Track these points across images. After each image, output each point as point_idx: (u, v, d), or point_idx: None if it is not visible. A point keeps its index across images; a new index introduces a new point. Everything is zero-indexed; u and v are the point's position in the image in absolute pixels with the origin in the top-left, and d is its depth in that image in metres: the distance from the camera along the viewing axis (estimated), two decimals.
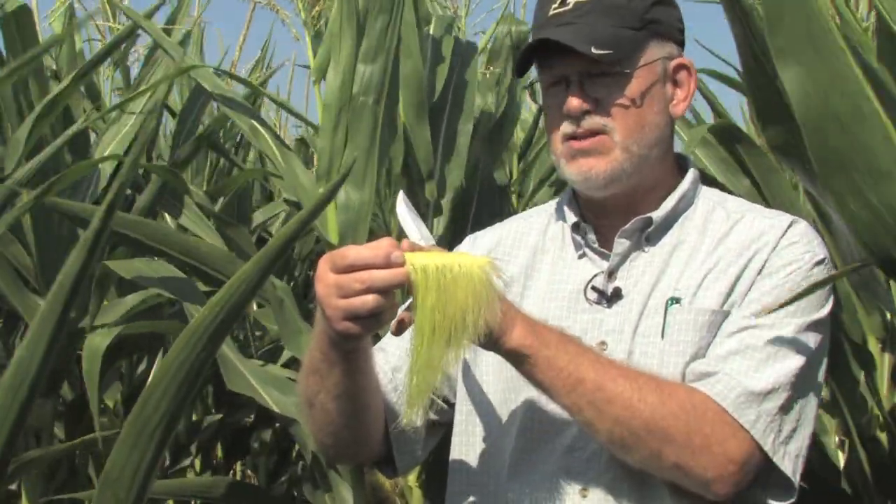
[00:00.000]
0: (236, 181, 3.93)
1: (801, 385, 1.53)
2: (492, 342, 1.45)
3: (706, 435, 1.47)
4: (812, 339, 1.55)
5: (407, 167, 2.85)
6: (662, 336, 1.55)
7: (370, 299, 1.37)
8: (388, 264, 1.36)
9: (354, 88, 2.35)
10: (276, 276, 2.63)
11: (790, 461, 1.52)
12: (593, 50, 1.55)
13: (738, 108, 5.54)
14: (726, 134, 2.66)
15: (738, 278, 1.56)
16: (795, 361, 1.52)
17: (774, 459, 1.50)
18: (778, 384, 1.50)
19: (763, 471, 1.51)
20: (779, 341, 1.52)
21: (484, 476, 1.63)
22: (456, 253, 1.45)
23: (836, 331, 1.59)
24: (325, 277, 1.40)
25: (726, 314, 1.55)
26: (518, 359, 1.47)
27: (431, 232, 2.81)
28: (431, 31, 3.04)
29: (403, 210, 1.53)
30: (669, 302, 1.56)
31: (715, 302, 1.55)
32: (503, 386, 1.62)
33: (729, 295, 1.55)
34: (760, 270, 1.56)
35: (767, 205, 2.55)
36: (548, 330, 1.49)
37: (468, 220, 3.08)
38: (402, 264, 1.36)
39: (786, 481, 1.52)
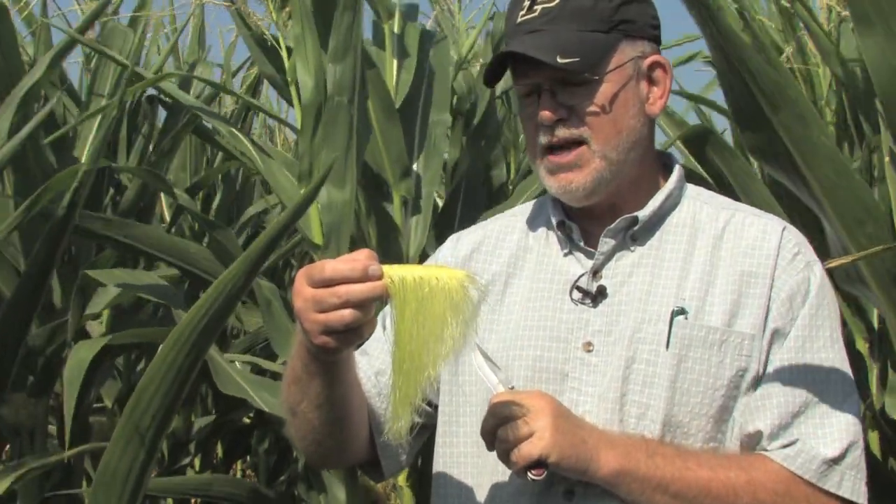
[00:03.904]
0: (218, 171, 4.02)
1: (859, 420, 1.60)
2: (580, 473, 1.51)
3: None
4: (846, 360, 1.61)
5: (372, 172, 2.86)
6: (667, 347, 1.57)
7: (347, 314, 1.38)
8: (365, 278, 1.37)
9: (329, 89, 2.37)
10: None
11: (865, 493, 1.58)
12: (559, 59, 1.56)
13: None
14: (702, 139, 2.71)
15: (741, 296, 1.60)
16: (852, 404, 1.59)
17: (860, 501, 1.57)
18: (849, 439, 1.56)
19: None
20: (830, 385, 1.58)
21: (467, 477, 1.66)
22: (435, 266, 1.48)
23: None
24: (303, 291, 1.42)
25: (737, 334, 1.58)
26: (613, 484, 1.52)
27: (413, 232, 2.87)
28: (396, 25, 3.04)
29: (480, 360, 1.58)
30: (675, 312, 1.58)
31: (721, 320, 1.58)
32: (485, 387, 1.62)
33: (734, 313, 1.59)
34: (770, 288, 1.60)
35: None
36: (633, 445, 1.52)
37: (454, 220, 3.11)
38: (379, 277, 1.37)
39: None
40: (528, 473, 1.49)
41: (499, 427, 1.50)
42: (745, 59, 1.75)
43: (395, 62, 2.98)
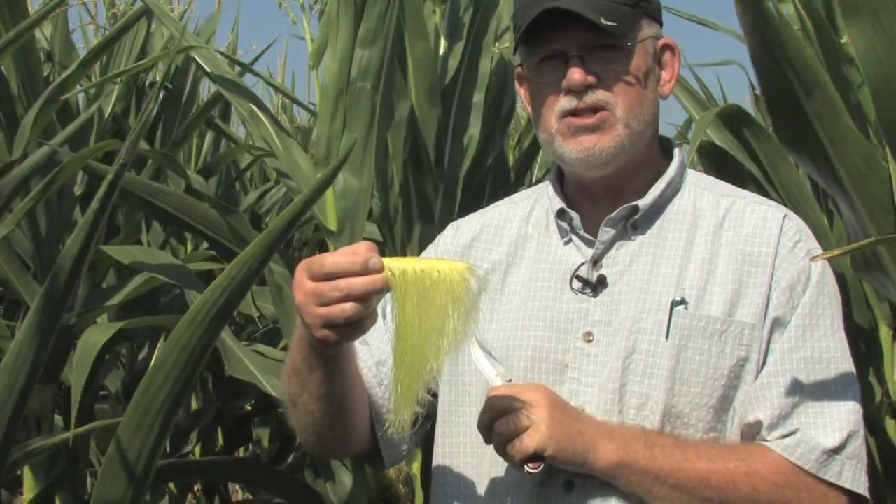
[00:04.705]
0: (227, 157, 3.99)
1: (860, 409, 1.62)
2: (578, 465, 1.53)
3: (804, 501, 1.56)
4: (847, 349, 1.63)
5: (415, 154, 2.86)
6: (667, 337, 1.58)
7: (349, 307, 1.39)
8: (365, 271, 1.38)
9: (352, 73, 2.37)
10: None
11: (866, 483, 1.59)
12: (602, 20, 1.57)
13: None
14: (735, 119, 2.69)
15: (741, 285, 1.61)
16: (852, 393, 1.61)
17: (861, 492, 1.58)
18: (849, 429, 1.58)
19: None
20: (830, 374, 1.60)
21: (467, 467, 1.68)
22: (435, 259, 1.50)
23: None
24: (303, 285, 1.43)
25: (738, 324, 1.59)
26: (612, 476, 1.54)
27: (437, 219, 2.84)
28: (448, 10, 3.05)
29: (478, 353, 1.60)
30: (674, 302, 1.59)
31: (721, 310, 1.60)
32: (485, 377, 1.63)
33: (734, 303, 1.60)
34: (771, 277, 1.61)
35: (773, 188, 2.62)
36: (631, 437, 1.55)
37: (483, 203, 3.06)
38: (380, 270, 1.39)
39: (860, 498, 1.61)
40: (525, 467, 1.52)
41: (495, 420, 1.52)
42: (783, 44, 1.75)
43: (443, 46, 3.00)
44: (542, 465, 1.51)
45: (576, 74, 1.60)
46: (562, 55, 1.62)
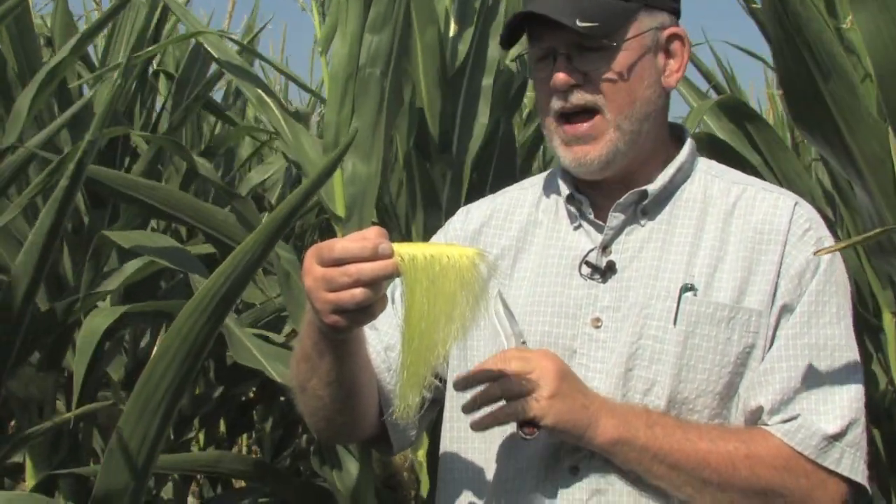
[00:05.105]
0: (231, 138, 3.94)
1: (862, 398, 1.62)
2: (576, 438, 1.53)
3: (803, 487, 1.57)
4: (853, 338, 1.63)
5: (420, 140, 2.85)
6: (675, 323, 1.58)
7: (358, 293, 1.39)
8: (375, 256, 1.38)
9: (361, 59, 2.36)
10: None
11: (865, 472, 1.59)
12: (578, 22, 1.56)
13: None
14: (734, 110, 2.68)
15: (750, 272, 1.61)
16: (855, 382, 1.61)
17: (860, 480, 1.58)
18: (850, 416, 1.58)
19: None
20: (834, 361, 1.60)
21: (474, 452, 1.68)
22: (445, 244, 1.50)
23: None
24: (313, 270, 1.43)
25: (745, 311, 1.59)
26: (611, 452, 1.55)
27: (444, 206, 2.81)
28: None
29: (500, 307, 1.60)
30: (683, 288, 1.59)
31: (729, 296, 1.59)
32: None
33: (743, 290, 1.60)
34: (780, 264, 1.60)
35: (776, 178, 2.60)
36: (633, 414, 1.55)
37: (486, 184, 3.04)
38: (390, 256, 1.38)
39: (859, 487, 1.61)
40: (520, 431, 1.52)
41: (500, 378, 1.52)
42: (801, 27, 1.72)
43: (453, 30, 2.99)
44: (537, 433, 1.51)
45: (559, 76, 1.60)
46: (552, 53, 1.63)
